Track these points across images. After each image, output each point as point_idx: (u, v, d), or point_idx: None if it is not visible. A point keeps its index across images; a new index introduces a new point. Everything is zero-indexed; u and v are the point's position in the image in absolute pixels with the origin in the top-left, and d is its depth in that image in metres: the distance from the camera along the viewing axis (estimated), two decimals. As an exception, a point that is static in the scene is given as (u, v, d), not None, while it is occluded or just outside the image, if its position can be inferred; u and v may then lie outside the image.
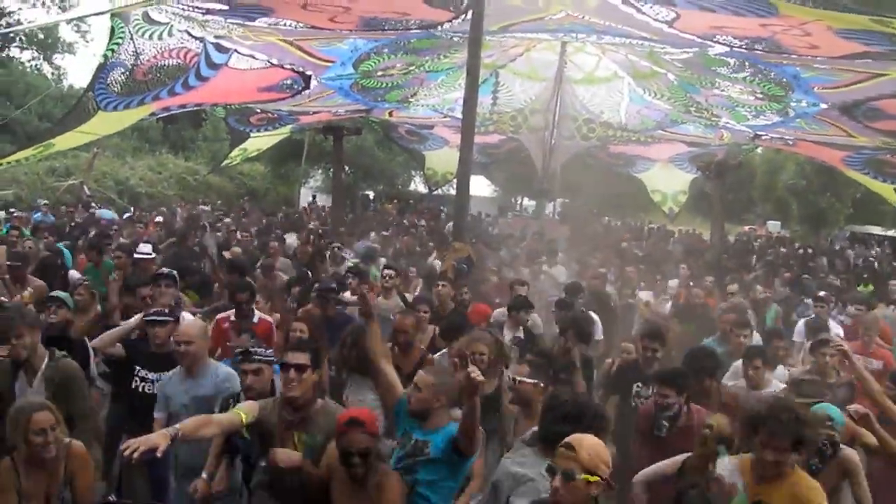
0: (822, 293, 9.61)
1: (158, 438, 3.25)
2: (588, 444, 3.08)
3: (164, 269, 6.89)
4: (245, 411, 3.85)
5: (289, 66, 10.60)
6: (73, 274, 8.56)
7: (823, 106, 10.47)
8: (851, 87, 9.40)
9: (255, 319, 6.60)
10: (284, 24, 9.17)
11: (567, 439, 3.12)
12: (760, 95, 11.15)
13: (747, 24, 8.13)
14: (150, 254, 8.56)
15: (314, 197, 30.61)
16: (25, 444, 3.69)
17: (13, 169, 18.09)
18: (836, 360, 5.85)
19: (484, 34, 9.07)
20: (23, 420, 3.68)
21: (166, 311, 5.43)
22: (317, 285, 7.50)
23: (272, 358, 4.52)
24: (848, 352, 5.36)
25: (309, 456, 3.81)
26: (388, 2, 8.66)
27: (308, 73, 10.96)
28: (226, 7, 8.32)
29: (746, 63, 10.16)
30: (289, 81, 11.22)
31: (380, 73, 12.21)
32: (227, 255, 10.55)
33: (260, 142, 16.61)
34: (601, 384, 6.58)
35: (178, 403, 4.73)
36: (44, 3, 34.21)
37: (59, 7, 36.25)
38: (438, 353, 6.06)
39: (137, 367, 5.25)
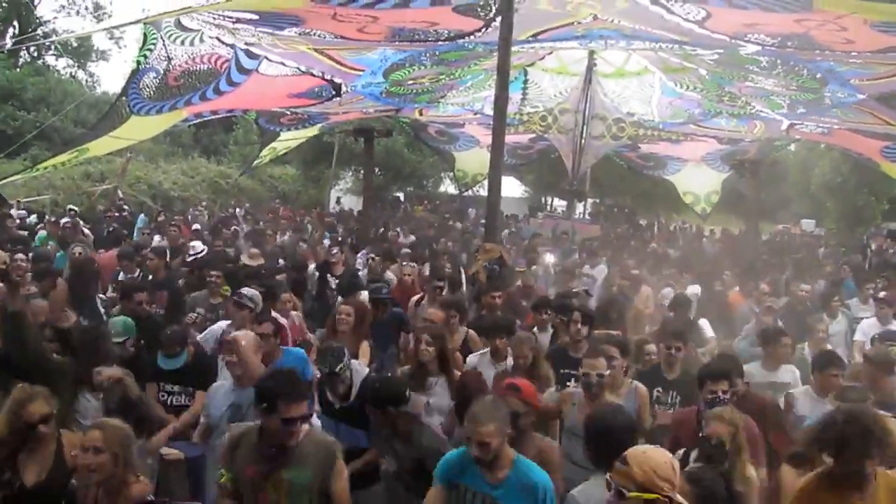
0: (882, 294, 8.81)
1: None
2: (643, 459, 2.83)
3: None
4: (224, 473, 3.73)
5: (319, 74, 10.63)
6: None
7: (861, 96, 10.27)
8: (890, 78, 9.22)
9: None
10: (314, 34, 9.16)
11: (625, 453, 2.92)
12: (794, 88, 10.95)
13: (781, 21, 7.98)
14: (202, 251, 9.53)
15: (339, 199, 30.66)
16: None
17: (49, 174, 18.42)
18: None
19: (512, 43, 8.97)
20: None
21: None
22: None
23: None
24: None
25: (297, 494, 3.56)
26: (417, 12, 8.52)
27: (338, 80, 10.96)
28: (256, 17, 8.35)
29: (778, 61, 9.99)
30: (317, 90, 11.25)
31: (410, 82, 12.22)
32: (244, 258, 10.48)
33: (289, 140, 16.74)
34: None
35: (218, 411, 4.77)
36: (78, 13, 34.98)
37: (94, 17, 37.01)
38: (475, 355, 6.05)
39: (161, 384, 5.61)
